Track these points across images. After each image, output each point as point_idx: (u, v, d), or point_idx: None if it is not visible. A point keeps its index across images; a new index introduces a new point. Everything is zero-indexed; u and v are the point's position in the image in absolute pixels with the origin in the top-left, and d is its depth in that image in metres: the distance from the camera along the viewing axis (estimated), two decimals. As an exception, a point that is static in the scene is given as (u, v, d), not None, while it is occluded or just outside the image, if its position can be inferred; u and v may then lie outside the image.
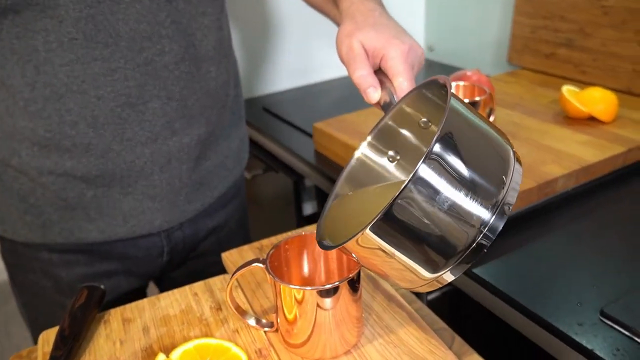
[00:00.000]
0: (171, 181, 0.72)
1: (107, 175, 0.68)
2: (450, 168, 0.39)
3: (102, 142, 0.65)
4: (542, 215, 0.76)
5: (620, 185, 0.81)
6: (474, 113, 0.44)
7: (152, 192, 0.71)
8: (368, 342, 0.52)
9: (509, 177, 0.42)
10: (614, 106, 0.92)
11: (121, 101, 0.64)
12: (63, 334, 0.53)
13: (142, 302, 0.60)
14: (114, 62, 0.63)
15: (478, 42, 1.40)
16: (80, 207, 0.69)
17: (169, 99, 0.68)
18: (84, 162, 0.66)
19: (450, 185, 0.39)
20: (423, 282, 0.43)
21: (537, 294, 0.62)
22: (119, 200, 0.70)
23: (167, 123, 0.68)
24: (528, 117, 0.97)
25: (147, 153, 0.68)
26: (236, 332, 0.55)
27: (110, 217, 0.71)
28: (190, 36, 0.68)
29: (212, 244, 0.86)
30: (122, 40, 0.62)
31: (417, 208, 0.39)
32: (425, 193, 0.39)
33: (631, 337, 0.55)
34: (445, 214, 0.39)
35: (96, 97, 0.63)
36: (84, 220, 0.70)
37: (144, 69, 0.65)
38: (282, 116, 1.21)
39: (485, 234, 0.41)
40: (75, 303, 0.57)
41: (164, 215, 0.74)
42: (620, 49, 1.05)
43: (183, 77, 0.68)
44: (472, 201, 0.40)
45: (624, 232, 0.71)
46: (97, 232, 0.71)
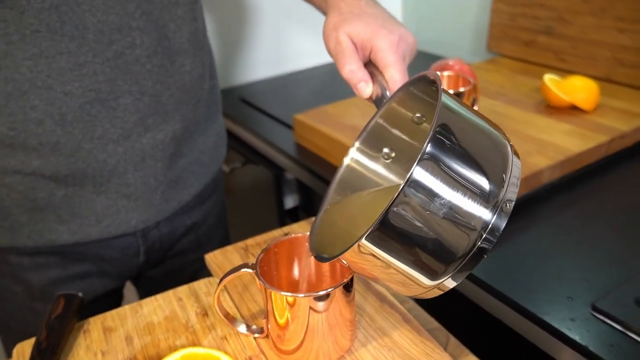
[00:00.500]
0: (146, 180, 0.69)
1: (78, 174, 0.65)
2: (446, 168, 0.37)
3: (71, 140, 0.62)
4: (529, 206, 0.75)
5: (604, 174, 0.82)
6: (467, 108, 0.42)
7: (126, 191, 0.68)
8: (362, 345, 0.51)
9: (508, 173, 0.40)
10: (595, 95, 0.92)
11: (90, 97, 0.61)
12: (40, 347, 0.50)
13: (123, 309, 0.57)
14: (81, 55, 0.59)
15: (457, 29, 1.39)
16: (50, 207, 0.66)
17: (142, 94, 0.65)
18: (52, 161, 0.63)
19: (448, 186, 0.37)
20: (424, 290, 0.41)
21: (527, 288, 0.61)
22: (92, 200, 0.67)
23: (140, 119, 0.66)
24: (511, 106, 0.96)
25: (120, 151, 0.65)
26: (225, 339, 0.53)
27: (82, 218, 0.68)
28: (163, 28, 0.65)
29: (191, 242, 0.84)
30: (89, 33, 0.59)
31: (414, 213, 0.37)
32: (422, 197, 0.37)
33: (624, 331, 0.54)
34: (444, 217, 0.38)
35: (63, 92, 0.60)
36: (55, 222, 0.67)
37: (114, 62, 0.61)
38: (260, 107, 1.18)
39: (487, 237, 0.39)
40: (52, 313, 0.54)
41: (140, 215, 0.71)
42: (599, 36, 1.05)
43: (155, 71, 0.65)
44: (472, 202, 0.38)
45: (610, 223, 0.71)
46: (69, 233, 0.68)
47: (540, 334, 0.58)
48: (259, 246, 0.66)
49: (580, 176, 0.81)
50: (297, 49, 1.39)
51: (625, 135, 0.85)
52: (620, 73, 1.02)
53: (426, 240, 0.38)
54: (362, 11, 0.57)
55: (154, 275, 0.84)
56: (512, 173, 0.40)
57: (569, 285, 0.61)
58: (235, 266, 0.51)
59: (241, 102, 1.23)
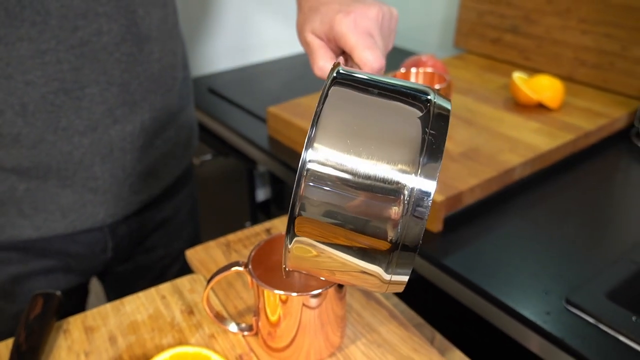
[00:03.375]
0: (114, 172, 0.67)
1: (41, 167, 0.62)
2: (342, 159, 0.35)
3: (33, 131, 0.59)
4: (502, 203, 0.77)
5: (571, 171, 0.85)
6: (373, 85, 0.38)
7: (93, 184, 0.66)
8: (351, 342, 0.52)
9: (426, 134, 0.35)
10: (560, 93, 0.95)
11: (54, 87, 0.58)
12: (19, 349, 0.48)
13: (104, 307, 0.56)
14: (43, 42, 0.56)
15: (424, 23, 1.41)
16: (11, 202, 0.63)
17: (109, 84, 0.62)
18: (14, 153, 0.60)
19: (353, 158, 0.35)
20: (380, 282, 0.39)
21: (505, 283, 0.63)
22: (56, 194, 0.64)
23: (108, 110, 0.63)
24: (481, 103, 0.98)
25: (86, 143, 0.63)
26: (213, 337, 0.52)
27: (46, 212, 0.65)
28: (132, 14, 0.62)
29: (161, 237, 0.82)
30: (52, 18, 0.56)
31: (324, 203, 0.35)
32: (325, 184, 0.34)
33: (596, 324, 0.57)
34: (360, 189, 0.34)
35: (24, 82, 0.57)
36: (17, 216, 0.64)
37: (79, 50, 0.59)
38: (230, 98, 1.17)
39: (415, 207, 0.35)
40: (29, 313, 0.52)
41: (108, 209, 0.68)
42: (563, 37, 1.08)
43: (124, 60, 0.63)
44: (385, 172, 0.35)
45: (579, 218, 0.74)
46: (32, 228, 0.65)
47: (517, 327, 0.60)
48: (241, 242, 0.65)
49: (549, 173, 0.84)
50: (266, 38, 1.38)
51: (589, 134, 0.89)
52: (582, 73, 1.06)
53: (350, 224, 0.35)
54: (320, 3, 0.54)
55: (122, 271, 0.81)
56: (433, 128, 0.36)
57: (544, 279, 0.63)
58: (223, 264, 0.51)
59: (210, 93, 1.21)
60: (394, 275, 0.37)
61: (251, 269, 0.48)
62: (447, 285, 0.67)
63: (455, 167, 0.77)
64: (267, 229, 0.67)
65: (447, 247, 0.70)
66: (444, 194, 0.71)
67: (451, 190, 0.72)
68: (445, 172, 0.76)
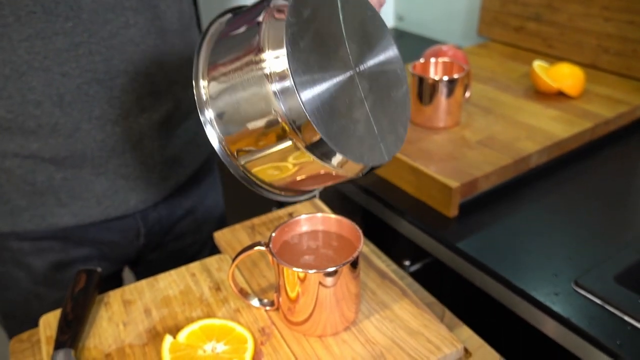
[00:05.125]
0: (144, 159, 0.71)
1: (77, 156, 0.66)
2: None
3: (69, 121, 0.63)
4: (517, 189, 0.80)
5: (588, 159, 0.86)
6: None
7: (124, 171, 0.70)
8: (365, 317, 0.55)
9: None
10: (581, 81, 0.96)
11: (88, 77, 0.62)
12: (67, 318, 0.54)
13: (140, 283, 0.61)
14: (76, 36, 0.60)
15: (448, 12, 1.42)
16: (50, 191, 0.67)
17: (137, 74, 0.66)
18: (52, 143, 0.64)
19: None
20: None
21: (517, 266, 0.66)
22: (91, 181, 0.68)
23: (137, 99, 0.67)
24: (501, 92, 1.00)
25: (118, 131, 0.67)
26: (238, 311, 0.57)
27: (82, 200, 0.69)
28: (155, 8, 0.67)
29: (189, 224, 0.86)
30: (83, 13, 0.60)
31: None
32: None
33: (603, 305, 0.59)
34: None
35: (60, 73, 0.61)
36: (55, 205, 0.68)
37: (109, 42, 0.63)
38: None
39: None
40: (74, 287, 0.57)
41: (139, 195, 0.72)
42: (586, 24, 1.09)
43: (149, 51, 0.67)
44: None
45: (593, 204, 0.76)
46: (70, 216, 0.69)
47: (527, 307, 0.63)
48: (265, 225, 0.69)
49: (565, 160, 0.85)
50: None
51: (608, 122, 0.90)
52: (605, 60, 1.07)
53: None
54: None
55: (153, 259, 0.85)
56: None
57: (554, 262, 0.66)
58: (247, 244, 0.55)
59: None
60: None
61: (272, 248, 0.52)
62: (461, 267, 0.70)
63: (472, 154, 0.80)
64: (290, 213, 0.71)
65: (462, 231, 0.72)
66: (459, 180, 0.74)
67: (466, 177, 0.75)
68: (461, 159, 0.79)
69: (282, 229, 0.55)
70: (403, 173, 0.80)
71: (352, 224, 0.55)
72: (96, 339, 0.54)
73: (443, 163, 0.78)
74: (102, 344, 0.54)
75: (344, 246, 0.56)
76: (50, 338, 0.54)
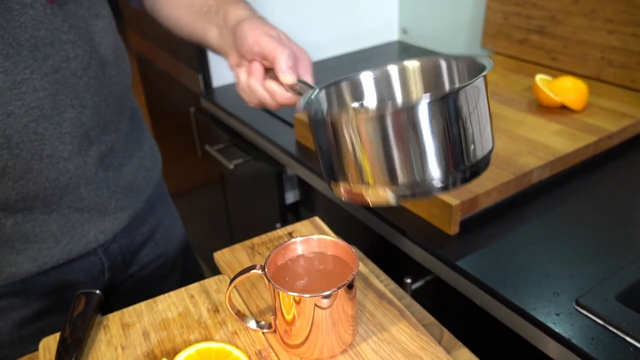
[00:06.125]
0: (99, 192, 0.70)
1: (29, 198, 0.64)
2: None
3: (19, 162, 0.61)
4: (519, 205, 0.79)
5: (591, 173, 0.86)
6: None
7: (79, 205, 0.68)
8: (363, 340, 0.55)
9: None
10: (584, 95, 0.96)
11: (34, 115, 0.60)
12: (65, 342, 0.54)
13: (139, 305, 0.61)
14: (18, 73, 0.58)
15: (452, 25, 1.42)
16: (1, 239, 0.65)
17: (83, 107, 0.65)
18: (1, 188, 0.61)
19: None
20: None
21: (517, 284, 0.65)
22: (44, 220, 0.66)
23: (85, 133, 0.66)
24: (504, 105, 1.00)
25: (72, 168, 0.65)
26: (235, 334, 0.57)
27: (39, 242, 0.67)
28: (90, 40, 0.66)
29: (151, 249, 0.85)
30: (24, 50, 0.58)
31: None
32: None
33: (605, 326, 0.59)
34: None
35: (5, 114, 0.58)
36: (10, 254, 0.66)
37: (52, 77, 0.61)
38: (260, 104, 1.21)
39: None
40: (74, 310, 0.58)
41: (95, 226, 0.71)
42: (590, 37, 1.08)
43: (92, 83, 0.66)
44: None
45: (595, 221, 0.75)
46: (30, 261, 0.67)
47: (527, 327, 0.62)
48: (265, 245, 0.70)
49: (568, 175, 0.85)
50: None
51: (612, 135, 0.89)
52: (609, 73, 1.06)
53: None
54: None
55: (123, 289, 0.83)
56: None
57: (555, 281, 0.65)
58: (245, 267, 0.55)
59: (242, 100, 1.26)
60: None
61: (267, 271, 0.53)
62: (461, 286, 0.70)
63: (473, 171, 0.79)
64: (290, 232, 0.72)
65: (462, 249, 0.72)
66: (459, 197, 0.73)
67: (467, 194, 0.74)
68: (462, 176, 0.78)
69: (278, 251, 0.55)
70: (404, 190, 0.80)
71: (348, 247, 0.55)
72: (94, 362, 0.55)
73: (444, 180, 0.78)
74: (100, 368, 0.54)
75: (341, 268, 0.56)
76: (50, 362, 0.55)
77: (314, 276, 0.56)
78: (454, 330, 0.60)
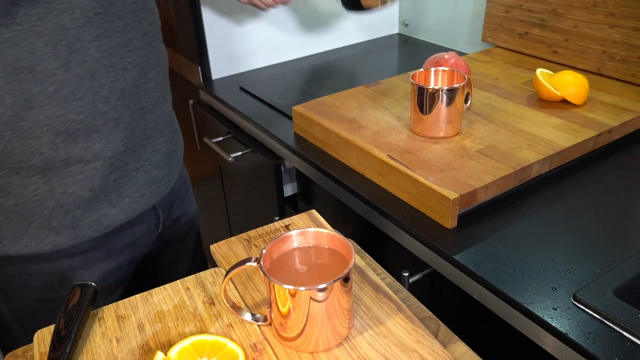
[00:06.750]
0: (166, 145, 0.78)
1: (128, 149, 0.71)
2: None
3: (127, 113, 0.69)
4: (518, 200, 0.79)
5: (591, 168, 0.85)
6: None
7: (156, 158, 0.76)
8: (358, 333, 0.55)
9: None
10: (585, 89, 0.95)
11: (138, 71, 0.69)
12: (59, 334, 0.54)
13: (134, 298, 0.61)
14: (127, 33, 0.67)
15: (453, 18, 1.41)
16: (102, 194, 0.71)
17: (160, 67, 0.74)
18: (113, 139, 0.68)
19: None
20: None
21: (515, 279, 0.65)
22: (134, 176, 0.73)
23: (162, 88, 0.75)
24: (504, 99, 0.99)
25: (152, 119, 0.73)
26: (230, 326, 0.56)
27: (129, 197, 0.73)
28: (157, 8, 0.75)
29: (179, 207, 0.89)
30: (129, 13, 0.67)
31: None
32: None
33: (602, 320, 0.58)
34: None
35: (122, 68, 0.67)
36: (107, 207, 0.72)
37: (145, 38, 0.70)
38: (259, 96, 1.21)
39: None
40: (68, 302, 0.57)
41: (165, 181, 0.79)
42: (591, 31, 1.07)
43: (161, 48, 0.75)
44: None
45: (595, 216, 0.75)
46: (122, 214, 0.73)
47: (524, 321, 0.62)
48: (261, 237, 0.69)
49: (567, 170, 0.84)
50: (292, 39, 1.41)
51: (612, 130, 0.88)
52: (610, 67, 1.05)
53: None
54: None
55: (154, 248, 0.87)
56: None
57: (553, 276, 0.65)
58: (240, 260, 0.55)
59: (241, 91, 1.26)
60: None
61: (263, 264, 0.52)
62: (459, 280, 0.69)
63: (471, 165, 0.79)
64: (287, 225, 0.71)
65: (460, 243, 0.72)
66: (457, 191, 0.73)
67: (465, 188, 0.74)
68: (460, 169, 0.78)
69: (273, 244, 0.55)
70: (402, 183, 0.80)
71: (344, 240, 0.55)
72: (89, 355, 0.54)
73: (442, 173, 0.78)
74: (94, 360, 0.54)
75: (337, 261, 0.56)
76: (44, 354, 0.54)
77: (310, 269, 0.56)
78: (451, 324, 0.60)
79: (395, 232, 0.79)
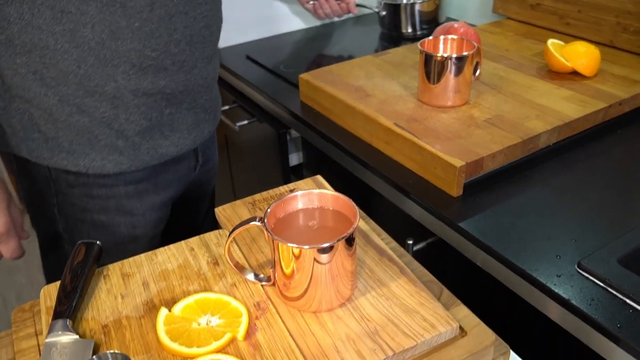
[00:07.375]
0: (216, 94, 0.86)
1: (186, 91, 0.76)
2: None
3: (192, 59, 0.74)
4: (525, 170, 0.78)
5: (599, 140, 0.84)
6: None
7: (208, 105, 0.82)
8: (361, 294, 0.55)
9: None
10: (596, 61, 0.93)
11: (204, 22, 0.74)
12: (65, 290, 0.54)
13: (139, 257, 0.61)
14: None
15: (464, -11, 1.38)
16: (158, 126, 0.76)
17: (217, 26, 0.80)
18: (176, 79, 0.74)
19: None
20: None
21: (519, 246, 0.65)
22: (185, 115, 0.79)
23: (214, 44, 0.80)
24: (513, 70, 0.98)
25: (210, 69, 0.80)
26: (234, 286, 0.57)
27: (179, 132, 0.79)
28: None
29: (207, 150, 0.92)
30: None
31: None
32: None
33: (605, 287, 0.58)
34: None
35: (193, 17, 0.72)
36: (161, 138, 0.77)
37: None
38: (266, 65, 1.20)
39: None
40: (74, 259, 0.58)
41: (209, 126, 0.85)
42: (604, 1, 1.05)
43: (221, 9, 0.81)
44: None
45: (601, 187, 0.74)
46: (173, 146, 0.79)
47: (527, 288, 0.62)
48: (266, 201, 0.69)
49: (576, 141, 0.84)
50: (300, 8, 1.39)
51: (623, 102, 0.87)
52: (624, 39, 1.03)
53: None
54: None
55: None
56: None
57: (558, 244, 0.65)
58: (244, 219, 0.55)
59: (247, 60, 1.25)
60: None
61: (267, 223, 0.52)
62: (463, 247, 0.69)
63: (479, 133, 0.78)
64: (291, 190, 0.71)
65: (466, 211, 0.72)
66: (464, 159, 0.73)
67: (472, 156, 0.73)
68: (467, 138, 0.77)
69: (278, 204, 0.55)
70: (408, 151, 0.79)
71: (349, 200, 0.55)
72: (94, 310, 0.55)
73: (449, 142, 0.77)
74: (99, 316, 0.54)
75: (341, 223, 0.56)
76: (50, 308, 0.55)
77: (314, 230, 0.56)
78: (454, 292, 0.60)
79: (401, 200, 0.79)
